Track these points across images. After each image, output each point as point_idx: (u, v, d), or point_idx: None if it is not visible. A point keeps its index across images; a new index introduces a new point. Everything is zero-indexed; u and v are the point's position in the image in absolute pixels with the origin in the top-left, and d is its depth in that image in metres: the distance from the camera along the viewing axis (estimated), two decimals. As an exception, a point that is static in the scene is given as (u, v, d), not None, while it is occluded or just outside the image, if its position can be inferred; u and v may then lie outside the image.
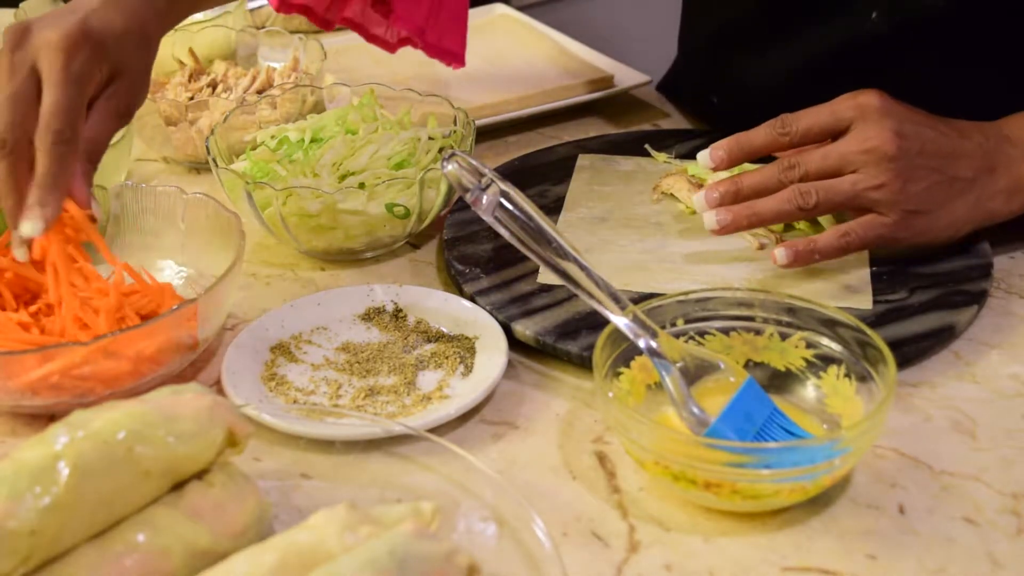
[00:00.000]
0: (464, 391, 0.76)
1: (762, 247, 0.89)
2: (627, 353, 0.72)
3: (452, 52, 1.08)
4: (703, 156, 0.85)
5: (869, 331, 0.69)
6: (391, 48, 1.09)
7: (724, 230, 0.83)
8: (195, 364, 0.82)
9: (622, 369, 0.72)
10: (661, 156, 1.03)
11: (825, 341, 0.72)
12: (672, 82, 1.27)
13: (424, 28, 1.04)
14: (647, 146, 1.04)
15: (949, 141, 0.82)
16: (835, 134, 0.83)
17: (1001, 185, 0.83)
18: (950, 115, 0.85)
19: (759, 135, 0.84)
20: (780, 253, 0.83)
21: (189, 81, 1.19)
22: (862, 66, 0.97)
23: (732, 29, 1.09)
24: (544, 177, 1.02)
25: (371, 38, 1.08)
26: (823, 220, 0.89)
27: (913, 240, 0.83)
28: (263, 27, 1.38)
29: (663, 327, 0.73)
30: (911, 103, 0.83)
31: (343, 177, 0.93)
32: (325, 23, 1.06)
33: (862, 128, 0.81)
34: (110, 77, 0.80)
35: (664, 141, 1.06)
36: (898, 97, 0.83)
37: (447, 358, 0.80)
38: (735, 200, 0.84)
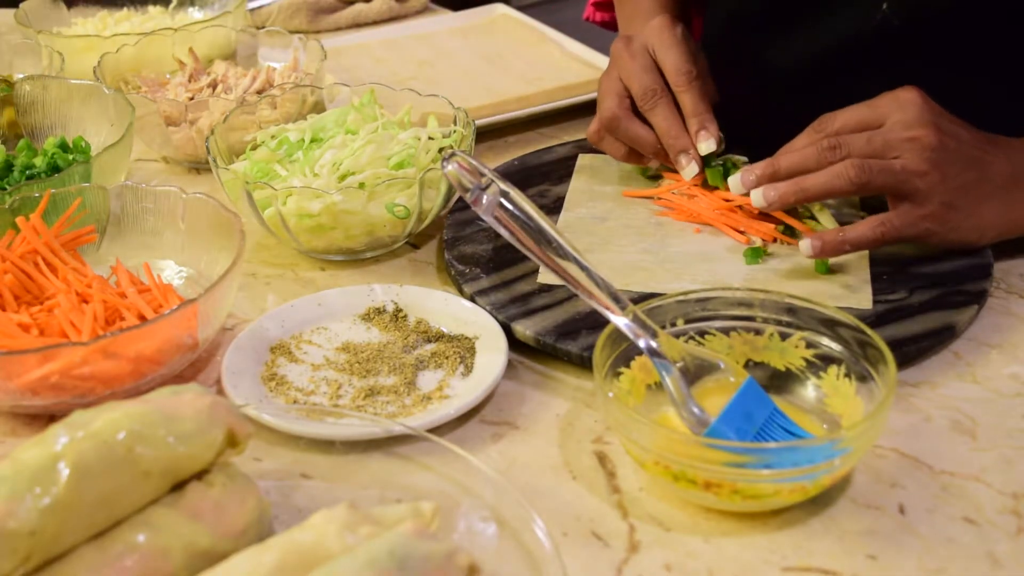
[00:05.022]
0: (464, 391, 0.76)
1: (764, 245, 0.89)
2: (627, 353, 0.72)
3: None
4: (735, 181, 0.87)
5: (869, 331, 0.69)
6: None
7: (771, 207, 0.85)
8: (195, 364, 0.82)
9: (622, 369, 0.72)
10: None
11: (825, 341, 0.72)
12: None
13: None
14: None
15: (981, 145, 0.83)
16: (872, 128, 0.84)
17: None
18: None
19: (802, 140, 0.86)
20: (806, 244, 0.83)
21: (189, 81, 1.19)
22: (872, 59, 0.97)
23: (743, 19, 1.09)
24: (544, 177, 1.02)
25: None
26: (823, 219, 0.89)
27: (943, 236, 0.83)
28: (263, 27, 1.38)
29: (663, 327, 0.73)
30: None
31: (343, 177, 0.93)
32: None
33: (903, 118, 0.82)
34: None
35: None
36: None
37: (447, 358, 0.80)
38: (772, 180, 0.85)
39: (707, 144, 0.94)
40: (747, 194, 0.86)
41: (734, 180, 0.87)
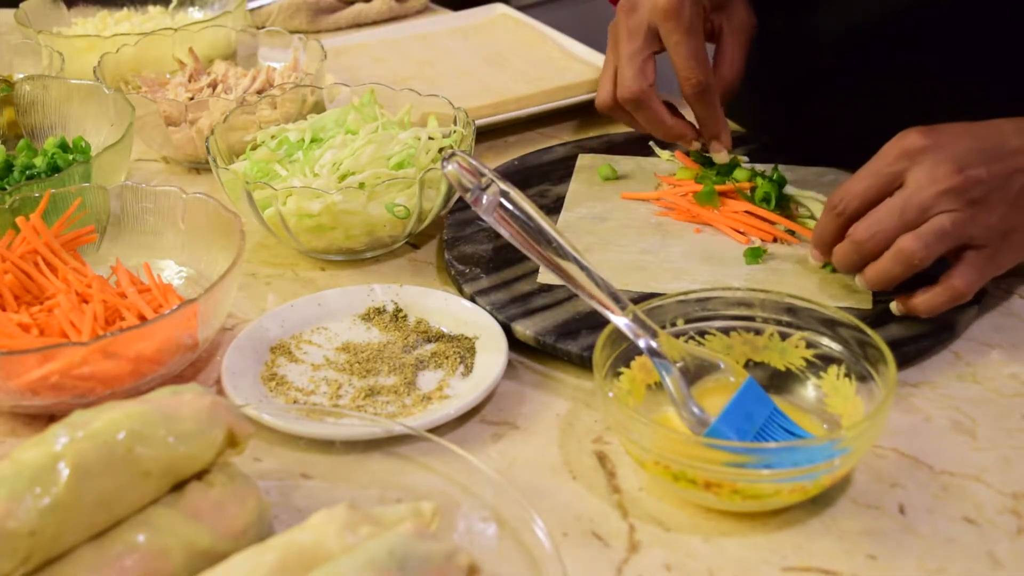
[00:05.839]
0: (464, 391, 0.76)
1: (763, 246, 0.89)
2: (627, 353, 0.72)
3: None
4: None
5: (869, 331, 0.69)
6: None
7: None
8: (195, 364, 0.82)
9: (622, 369, 0.72)
10: (665, 154, 1.03)
11: (825, 341, 0.72)
12: None
13: None
14: (652, 143, 1.04)
15: (1007, 148, 0.78)
16: (892, 190, 0.79)
17: None
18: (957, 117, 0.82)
19: (827, 230, 0.82)
20: (894, 307, 0.81)
21: (189, 81, 1.19)
22: (906, 31, 0.97)
23: None
24: (544, 177, 1.02)
25: None
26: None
27: (1015, 260, 0.80)
28: (263, 27, 1.38)
29: (663, 327, 0.73)
30: (934, 90, 0.81)
31: (343, 177, 0.93)
32: None
33: (922, 173, 0.77)
34: (716, 7, 0.97)
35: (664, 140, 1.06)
36: (932, 79, 0.81)
37: (447, 358, 0.80)
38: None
39: (719, 156, 0.95)
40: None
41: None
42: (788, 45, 1.14)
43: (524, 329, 0.81)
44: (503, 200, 0.77)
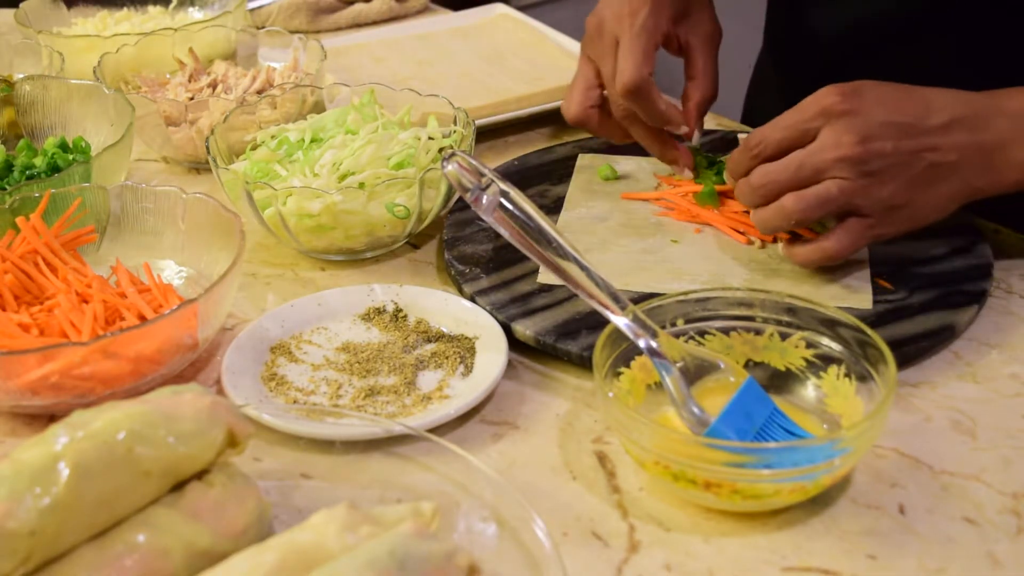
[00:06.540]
0: (464, 391, 0.76)
1: (764, 245, 0.89)
2: (627, 353, 0.72)
3: None
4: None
5: (869, 331, 0.69)
6: None
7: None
8: (195, 364, 0.82)
9: (622, 369, 0.72)
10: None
11: (825, 341, 0.72)
12: None
13: None
14: None
15: (923, 125, 0.79)
16: (805, 143, 0.81)
17: (990, 164, 0.80)
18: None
19: (740, 164, 0.85)
20: (779, 247, 0.86)
21: (189, 81, 1.19)
22: (920, 26, 0.97)
23: None
24: (544, 177, 1.02)
25: None
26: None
27: (896, 233, 0.82)
28: (263, 27, 1.38)
29: (663, 327, 0.73)
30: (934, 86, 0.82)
31: (343, 177, 0.93)
32: None
33: (830, 134, 0.79)
34: (679, 19, 0.95)
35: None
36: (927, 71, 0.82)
37: (447, 358, 0.80)
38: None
39: (689, 137, 0.95)
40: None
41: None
42: (790, 42, 1.14)
43: (524, 329, 0.81)
44: (503, 200, 0.77)
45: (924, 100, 0.80)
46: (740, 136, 1.05)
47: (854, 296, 0.83)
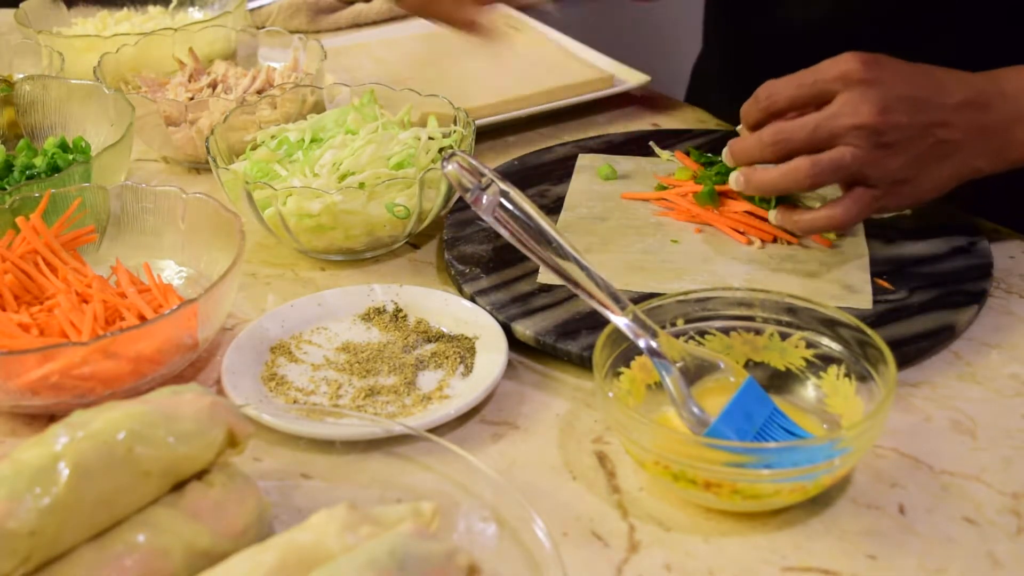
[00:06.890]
0: (464, 391, 0.76)
1: (763, 245, 0.89)
2: (627, 353, 0.72)
3: None
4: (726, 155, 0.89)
5: (869, 331, 0.69)
6: None
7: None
8: (195, 364, 0.82)
9: (622, 369, 0.72)
10: (665, 154, 1.03)
11: (825, 341, 0.72)
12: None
13: None
14: (652, 143, 1.04)
15: (938, 102, 0.80)
16: (819, 105, 0.82)
17: (992, 145, 0.82)
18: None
19: (749, 115, 0.85)
20: (772, 215, 0.87)
21: (189, 81, 1.19)
22: (884, 17, 0.97)
23: None
24: (544, 177, 1.02)
25: None
26: (812, 205, 0.89)
27: (897, 208, 0.84)
28: (263, 27, 1.38)
29: (663, 327, 0.73)
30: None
31: (343, 177, 0.93)
32: None
33: (848, 101, 0.80)
34: None
35: (664, 141, 1.06)
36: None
37: (447, 358, 0.80)
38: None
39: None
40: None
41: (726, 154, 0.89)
42: (754, 41, 1.14)
43: (524, 329, 0.81)
44: (503, 200, 0.77)
45: (937, 78, 0.82)
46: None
47: (854, 296, 0.83)
